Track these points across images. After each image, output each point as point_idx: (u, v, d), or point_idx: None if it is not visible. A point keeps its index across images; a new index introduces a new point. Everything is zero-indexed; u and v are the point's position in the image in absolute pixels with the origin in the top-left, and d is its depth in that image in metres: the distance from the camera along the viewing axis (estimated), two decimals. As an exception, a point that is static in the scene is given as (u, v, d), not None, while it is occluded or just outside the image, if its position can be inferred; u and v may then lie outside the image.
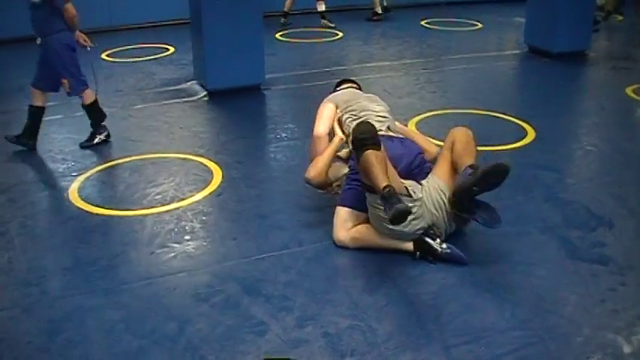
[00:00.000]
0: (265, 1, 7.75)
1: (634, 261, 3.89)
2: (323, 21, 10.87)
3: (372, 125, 3.77)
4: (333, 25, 10.77)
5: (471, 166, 3.77)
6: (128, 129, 6.28)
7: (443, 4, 12.85)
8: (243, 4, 6.94)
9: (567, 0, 8.58)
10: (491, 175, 3.64)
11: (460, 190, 3.69)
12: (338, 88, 4.95)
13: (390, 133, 4.24)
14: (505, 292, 3.52)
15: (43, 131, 5.85)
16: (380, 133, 3.89)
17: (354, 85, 4.96)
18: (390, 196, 3.42)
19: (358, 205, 3.94)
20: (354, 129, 3.77)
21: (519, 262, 3.82)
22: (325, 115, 4.46)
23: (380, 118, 4.30)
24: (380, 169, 3.53)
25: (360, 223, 3.95)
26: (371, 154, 3.57)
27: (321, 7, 10.89)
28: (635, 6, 11.15)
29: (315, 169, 4.16)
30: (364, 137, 3.62)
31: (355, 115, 4.32)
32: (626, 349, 3.11)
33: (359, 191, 3.89)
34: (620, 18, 11.32)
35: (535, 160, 5.39)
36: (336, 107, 4.49)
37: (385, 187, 3.45)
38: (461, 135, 4.06)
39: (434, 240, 3.77)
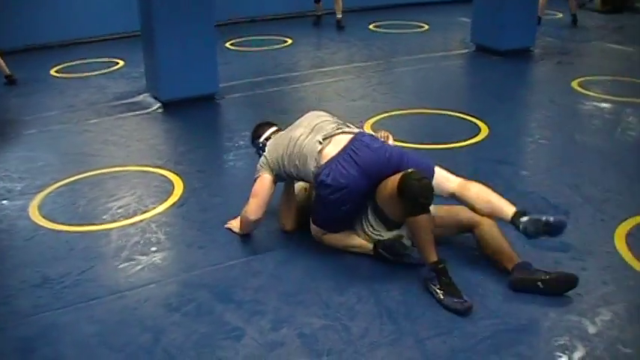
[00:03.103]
0: (216, 11, 7.74)
1: (592, 246, 4.03)
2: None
3: (432, 188, 3.55)
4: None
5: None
6: (85, 144, 6.21)
7: (389, 7, 13.00)
8: (194, 14, 6.92)
9: (512, -1, 8.81)
10: (563, 284, 3.49)
11: (522, 283, 3.54)
12: (260, 139, 4.43)
13: (351, 129, 3.98)
14: (471, 285, 3.60)
15: (-1, 150, 5.78)
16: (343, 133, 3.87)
17: (273, 128, 4.43)
18: (441, 271, 3.45)
19: (332, 228, 3.95)
20: (412, 181, 3.46)
21: (483, 255, 3.90)
22: (261, 194, 3.95)
23: (331, 124, 3.98)
24: (430, 239, 3.50)
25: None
26: (426, 221, 3.50)
27: None
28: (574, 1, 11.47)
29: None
30: (425, 202, 3.49)
31: (298, 154, 3.88)
32: (591, 330, 3.23)
33: (332, 215, 3.87)
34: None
35: (491, 155, 5.52)
36: (272, 173, 4.00)
37: (437, 263, 3.47)
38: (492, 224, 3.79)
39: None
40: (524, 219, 3.55)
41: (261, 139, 4.37)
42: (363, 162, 3.69)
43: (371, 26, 11.36)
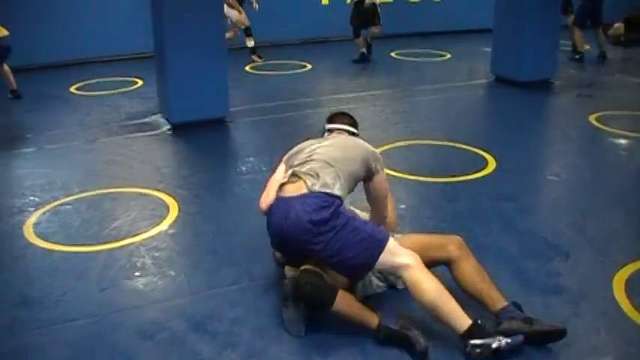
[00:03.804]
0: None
1: (588, 290, 3.87)
2: (252, 56, 10.84)
3: (317, 293, 3.27)
4: (262, 60, 10.77)
5: (517, 306, 3.41)
6: (90, 163, 6.25)
7: (413, 35, 12.96)
8: (206, 36, 6.95)
9: (532, 30, 8.71)
10: (549, 337, 3.28)
11: (507, 331, 3.26)
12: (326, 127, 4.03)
13: (301, 191, 3.43)
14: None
15: (5, 164, 5.80)
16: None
17: (341, 127, 3.96)
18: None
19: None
20: (300, 286, 3.28)
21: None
22: (270, 184, 3.71)
23: (310, 167, 3.51)
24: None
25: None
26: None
27: (250, 44, 10.83)
28: (599, 34, 11.31)
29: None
30: (314, 306, 3.37)
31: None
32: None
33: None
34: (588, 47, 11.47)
35: (494, 191, 5.38)
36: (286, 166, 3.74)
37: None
38: (467, 255, 3.53)
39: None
40: (472, 342, 3.15)
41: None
42: (286, 229, 3.38)
43: (393, 54, 11.32)
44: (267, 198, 3.61)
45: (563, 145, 6.81)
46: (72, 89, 9.16)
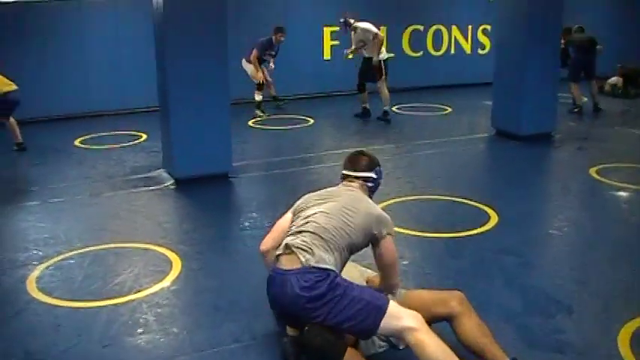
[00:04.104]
0: (236, 90, 7.87)
1: (592, 348, 3.85)
2: (256, 110, 11.01)
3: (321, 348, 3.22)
4: (265, 115, 10.94)
5: None
6: (93, 217, 6.28)
7: (414, 89, 13.14)
8: (210, 92, 7.04)
9: (532, 83, 8.85)
10: None
11: None
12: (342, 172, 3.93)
13: (294, 265, 3.37)
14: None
15: (9, 217, 5.83)
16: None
17: (354, 174, 3.83)
18: None
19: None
20: (310, 340, 3.24)
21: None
22: (275, 228, 3.79)
23: (303, 239, 3.43)
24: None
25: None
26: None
27: (258, 98, 11.04)
28: (592, 87, 11.50)
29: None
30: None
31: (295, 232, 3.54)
32: None
33: None
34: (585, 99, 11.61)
35: (497, 245, 5.38)
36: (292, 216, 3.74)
37: None
38: (468, 310, 3.52)
39: None
40: None
41: None
42: (284, 303, 3.40)
43: (394, 108, 11.43)
44: (269, 243, 3.71)
45: (564, 198, 6.84)
46: (76, 142, 9.27)
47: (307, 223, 3.49)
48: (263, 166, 7.94)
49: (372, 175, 3.81)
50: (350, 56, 10.58)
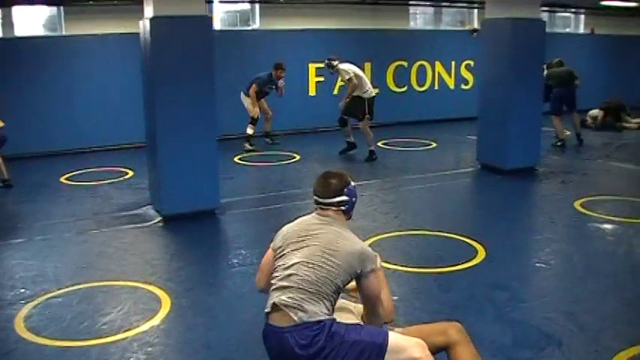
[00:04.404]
0: (222, 126, 7.92)
1: (582, 380, 3.88)
2: (246, 144, 11.14)
3: None
4: (253, 147, 11.08)
5: None
6: (81, 255, 6.24)
7: (399, 124, 13.26)
8: (197, 130, 7.09)
9: (515, 118, 8.97)
10: None
11: None
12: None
13: (289, 321, 3.27)
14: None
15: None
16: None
17: (327, 201, 3.56)
18: None
19: None
20: None
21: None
22: (262, 267, 3.66)
23: (290, 296, 3.32)
24: None
25: None
26: None
27: (249, 131, 11.17)
28: (574, 119, 11.70)
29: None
30: None
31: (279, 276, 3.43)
32: None
33: None
34: (568, 133, 11.77)
35: (486, 280, 5.42)
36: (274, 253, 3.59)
37: None
38: (466, 340, 3.51)
39: None
40: None
41: None
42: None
43: (380, 143, 11.51)
44: (262, 281, 3.59)
45: (550, 231, 6.90)
46: (63, 179, 9.25)
47: (290, 276, 3.35)
48: (250, 202, 7.95)
49: (344, 198, 3.54)
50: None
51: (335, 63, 10.33)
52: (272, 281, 3.42)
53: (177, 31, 6.90)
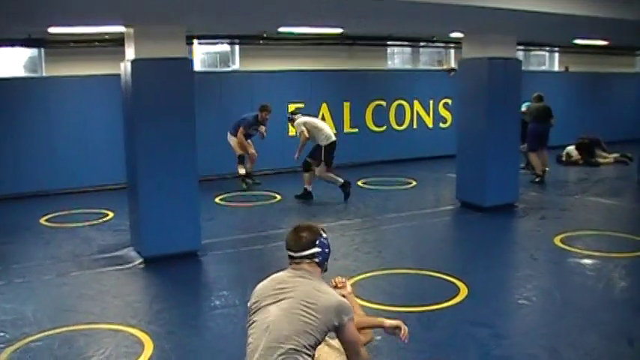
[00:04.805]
0: (202, 167, 7.93)
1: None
2: (242, 183, 11.28)
3: None
4: (246, 185, 11.24)
5: None
6: (61, 297, 6.18)
7: (379, 163, 13.36)
8: (178, 172, 7.11)
9: (493, 156, 9.09)
10: None
11: None
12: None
13: None
14: None
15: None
16: None
17: (299, 255, 3.54)
18: None
19: None
20: None
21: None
22: None
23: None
24: None
25: None
26: None
27: (241, 171, 11.27)
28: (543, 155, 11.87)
29: None
30: None
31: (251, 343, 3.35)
32: None
33: None
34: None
35: (468, 317, 5.44)
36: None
37: None
38: None
39: None
40: None
41: None
42: None
43: (360, 182, 11.59)
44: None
45: (531, 268, 6.95)
46: (42, 220, 9.18)
47: (269, 334, 3.27)
48: (232, 243, 7.93)
49: (317, 249, 3.53)
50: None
51: (295, 117, 10.60)
52: (249, 339, 3.34)
53: (159, 73, 6.96)
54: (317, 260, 3.53)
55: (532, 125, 11.58)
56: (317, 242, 3.53)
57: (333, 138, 10.29)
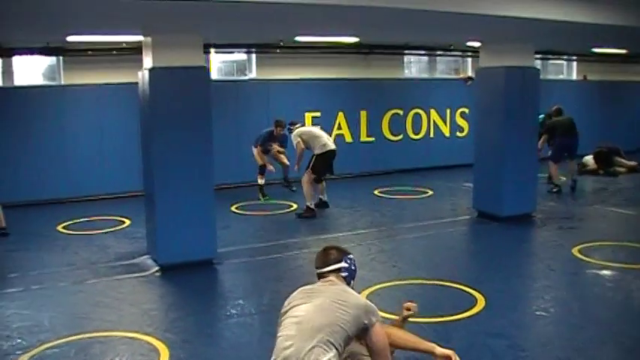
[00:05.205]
0: (218, 175, 7.94)
1: None
2: (259, 194, 11.21)
3: None
4: (264, 199, 11.13)
5: None
6: (78, 305, 6.20)
7: (396, 172, 13.33)
8: (195, 178, 7.13)
9: (511, 165, 9.02)
10: None
11: None
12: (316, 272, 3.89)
13: None
14: None
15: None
16: None
17: (327, 270, 3.77)
18: None
19: None
20: None
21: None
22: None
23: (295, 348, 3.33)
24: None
25: None
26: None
27: (260, 182, 11.23)
28: (577, 165, 11.79)
29: None
30: None
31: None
32: None
33: None
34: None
35: (485, 329, 5.39)
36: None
37: None
38: None
39: None
40: None
41: None
42: None
43: (376, 192, 11.56)
44: None
45: (548, 279, 6.89)
46: (59, 228, 9.23)
47: (301, 325, 3.36)
48: (247, 252, 7.93)
49: (344, 264, 3.75)
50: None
51: (294, 127, 10.59)
52: (279, 333, 3.44)
53: (176, 81, 6.99)
54: (343, 275, 3.74)
55: (560, 138, 11.46)
56: (343, 260, 3.77)
57: (331, 147, 10.15)
